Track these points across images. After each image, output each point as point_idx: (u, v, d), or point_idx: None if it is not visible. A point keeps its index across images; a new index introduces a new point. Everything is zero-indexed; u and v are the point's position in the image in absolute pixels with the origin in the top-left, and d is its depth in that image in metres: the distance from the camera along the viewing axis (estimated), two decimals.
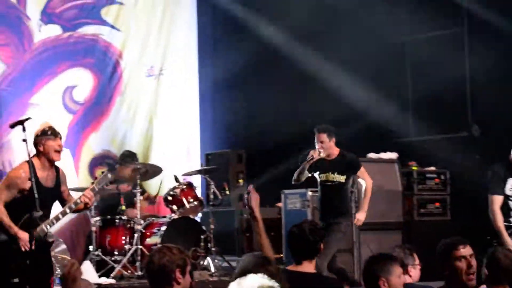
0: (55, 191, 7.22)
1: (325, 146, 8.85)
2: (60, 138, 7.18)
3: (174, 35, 12.43)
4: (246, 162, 11.78)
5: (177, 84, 12.42)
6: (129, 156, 10.62)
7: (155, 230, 10.10)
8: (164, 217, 10.43)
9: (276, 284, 3.16)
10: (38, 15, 11.35)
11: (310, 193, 10.01)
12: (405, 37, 11.76)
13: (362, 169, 9.13)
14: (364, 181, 9.17)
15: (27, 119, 6.96)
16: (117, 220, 9.95)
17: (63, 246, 9.89)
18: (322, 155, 8.80)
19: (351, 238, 10.10)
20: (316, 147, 8.83)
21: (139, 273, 9.48)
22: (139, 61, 12.13)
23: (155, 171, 10.50)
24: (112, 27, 11.91)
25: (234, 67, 12.06)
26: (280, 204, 10.54)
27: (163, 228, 9.88)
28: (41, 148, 7.08)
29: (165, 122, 12.23)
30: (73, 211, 7.30)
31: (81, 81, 11.69)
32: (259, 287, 3.10)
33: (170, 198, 10.25)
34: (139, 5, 12.12)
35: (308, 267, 5.51)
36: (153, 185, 11.86)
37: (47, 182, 7.15)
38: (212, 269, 9.89)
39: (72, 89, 11.61)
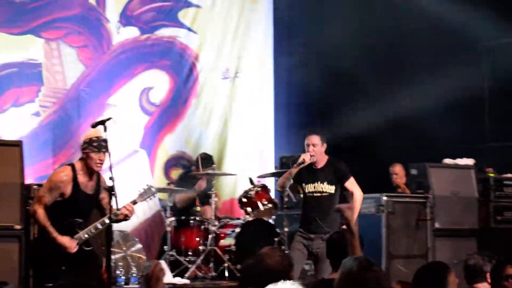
0: (94, 199, 7.36)
1: (317, 151, 8.33)
2: (105, 152, 7.26)
3: (250, 38, 12.50)
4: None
5: (252, 86, 12.48)
6: (205, 159, 10.74)
7: (229, 231, 10.20)
8: (238, 218, 10.52)
9: None
10: (117, 17, 11.50)
11: (385, 198, 9.97)
12: (486, 42, 11.66)
13: (351, 179, 8.51)
14: (353, 192, 8.52)
15: (108, 119, 7.08)
16: (191, 221, 10.07)
17: (139, 246, 10.07)
18: (314, 159, 8.32)
19: (425, 244, 10.09)
20: (305, 151, 8.36)
21: (213, 273, 9.60)
22: (215, 64, 12.21)
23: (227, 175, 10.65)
24: (189, 29, 12.01)
25: (309, 70, 12.09)
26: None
27: (237, 229, 9.98)
28: (84, 156, 7.29)
29: (240, 124, 12.30)
30: (113, 222, 7.40)
31: (157, 83, 11.80)
32: None
33: (244, 200, 10.33)
34: (216, 8, 12.21)
35: None
36: (225, 186, 11.99)
37: (87, 189, 7.29)
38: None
39: (149, 90, 11.74)
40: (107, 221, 7.22)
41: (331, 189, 8.39)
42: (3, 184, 8.18)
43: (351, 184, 8.51)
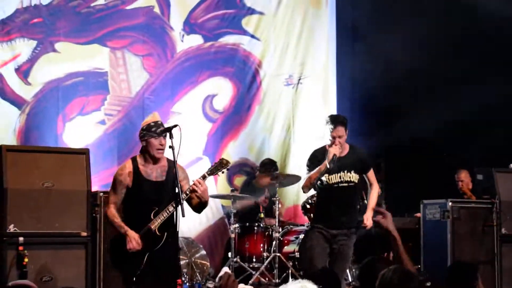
0: (165, 186, 7.07)
1: (342, 142, 8.00)
2: (165, 136, 7.08)
3: (313, 44, 12.53)
4: (384, 171, 11.74)
5: (315, 93, 12.51)
6: (269, 164, 10.81)
7: (292, 238, 10.25)
8: (302, 225, 10.56)
9: None
10: (181, 26, 11.61)
11: (450, 204, 9.92)
12: None
13: (372, 170, 8.33)
14: (372, 184, 8.31)
15: (174, 126, 7.13)
16: (255, 227, 10.15)
17: (203, 252, 10.17)
18: (341, 150, 7.96)
19: (492, 250, 10.00)
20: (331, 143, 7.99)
21: (277, 280, 9.64)
22: (278, 70, 12.27)
23: (293, 180, 10.66)
24: (252, 36, 12.10)
25: (373, 75, 12.07)
26: (418, 215, 10.47)
27: (301, 236, 10.01)
28: (143, 143, 7.11)
29: (303, 131, 12.32)
30: (194, 207, 7.20)
31: (221, 90, 11.90)
32: None
33: (308, 206, 10.34)
34: (279, 14, 12.28)
35: None
36: (290, 193, 12.02)
37: (152, 176, 7.08)
38: (350, 278, 9.95)
39: (212, 97, 11.84)
40: (175, 204, 6.98)
41: (356, 178, 8.12)
42: (70, 191, 8.34)
43: (372, 175, 8.31)
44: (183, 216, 7.13)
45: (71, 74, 10.87)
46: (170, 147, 7.09)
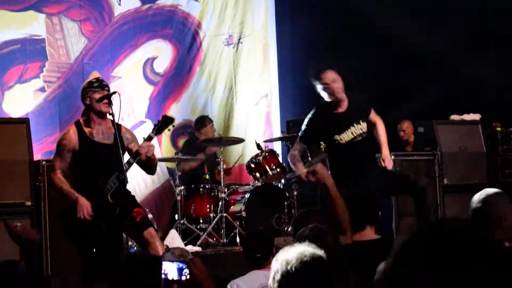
0: (115, 148, 6.84)
1: (339, 88, 7.46)
2: (108, 89, 6.96)
3: (251, 4, 12.53)
4: None
5: (255, 52, 12.52)
6: (201, 120, 10.86)
7: (238, 197, 10.29)
8: (248, 184, 10.60)
9: (320, 252, 3.06)
10: None
11: (393, 157, 9.90)
12: None
13: (372, 109, 7.84)
14: (377, 123, 7.84)
15: (113, 93, 7.09)
16: (201, 189, 10.18)
17: (149, 216, 10.18)
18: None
19: (435, 200, 10.16)
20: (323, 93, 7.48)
21: (225, 240, 9.70)
22: (217, 30, 12.25)
23: (236, 141, 10.73)
24: None
25: (313, 33, 12.11)
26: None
27: (247, 195, 10.06)
28: (87, 101, 6.94)
29: (245, 90, 12.37)
30: (145, 169, 7.22)
31: (160, 52, 11.86)
32: (300, 253, 3.01)
33: (253, 165, 10.40)
34: None
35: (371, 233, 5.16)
36: (233, 153, 12.06)
37: (98, 137, 6.91)
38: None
39: (153, 60, 11.79)
40: (127, 166, 6.84)
41: (365, 127, 7.55)
42: (12, 161, 8.28)
43: (374, 113, 7.79)
44: (126, 182, 7.13)
45: (7, 42, 10.75)
46: (110, 114, 7.04)
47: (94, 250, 6.70)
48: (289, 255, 3.00)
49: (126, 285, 3.79)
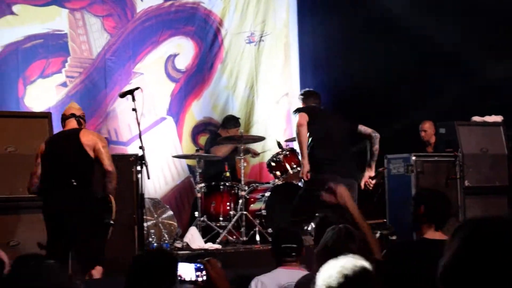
0: None
1: None
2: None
3: (274, 2, 12.52)
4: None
5: (277, 50, 12.51)
6: (231, 120, 10.84)
7: (259, 196, 10.28)
8: (268, 183, 10.60)
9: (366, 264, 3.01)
10: None
11: (414, 158, 9.98)
12: None
13: None
14: None
15: (136, 89, 7.12)
16: (221, 186, 10.18)
17: (170, 212, 10.19)
18: None
19: (456, 202, 10.10)
20: None
21: (244, 238, 9.70)
22: (239, 28, 12.25)
23: (256, 139, 10.73)
24: None
25: (335, 32, 12.08)
26: (383, 169, 10.55)
27: (267, 194, 10.06)
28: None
29: (266, 88, 12.36)
30: None
31: (182, 49, 11.86)
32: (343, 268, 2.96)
33: (273, 164, 10.39)
34: None
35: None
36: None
37: None
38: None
39: (174, 57, 11.80)
40: None
41: None
42: (33, 156, 8.24)
43: None
44: (148, 178, 7.17)
45: (30, 37, 10.79)
46: (133, 109, 7.07)
47: None
48: (332, 269, 2.96)
49: (143, 280, 3.80)
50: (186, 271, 3.75)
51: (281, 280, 5.01)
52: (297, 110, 8.59)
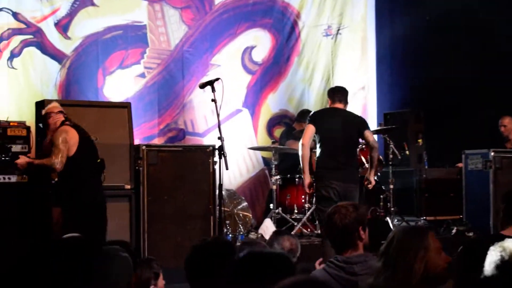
0: None
1: None
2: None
3: None
4: (425, 122, 11.69)
5: (354, 44, 12.48)
6: (306, 114, 10.81)
7: None
8: None
9: None
10: None
11: (492, 154, 9.86)
12: None
13: None
14: None
15: (216, 80, 7.18)
16: (296, 179, 10.19)
17: (245, 204, 10.26)
18: None
19: None
20: None
21: (319, 231, 9.70)
22: (316, 21, 12.24)
23: None
24: None
25: (412, 29, 12.02)
26: (460, 165, 10.46)
27: None
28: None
29: (343, 81, 12.28)
30: None
31: (259, 41, 11.91)
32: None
33: None
34: None
35: None
36: None
37: None
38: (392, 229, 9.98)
39: (251, 49, 11.86)
40: None
41: None
42: (113, 145, 8.45)
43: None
44: (227, 169, 7.25)
45: (110, 28, 10.94)
46: (212, 100, 7.14)
47: None
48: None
49: (200, 268, 3.87)
50: None
51: None
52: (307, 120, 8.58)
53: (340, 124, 8.25)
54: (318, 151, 8.30)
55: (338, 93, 8.54)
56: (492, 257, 3.08)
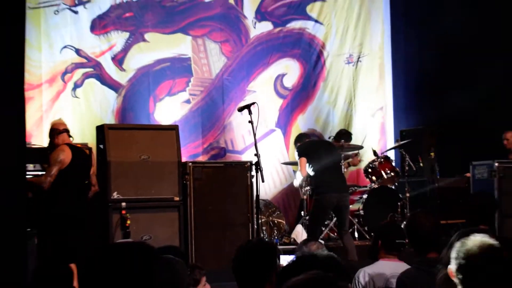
0: None
1: None
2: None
3: (370, 27, 12.40)
4: (436, 137, 11.59)
5: (373, 70, 12.43)
6: (345, 134, 10.59)
7: (357, 198, 10.30)
8: (365, 186, 10.58)
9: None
10: (253, 14, 11.66)
11: (497, 164, 9.78)
12: None
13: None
14: None
15: (252, 104, 7.22)
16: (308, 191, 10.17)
17: (279, 212, 10.28)
18: None
19: None
20: None
21: None
22: (339, 50, 12.21)
23: (355, 148, 10.68)
24: (316, 21, 12.04)
25: (424, 55, 11.97)
26: (468, 174, 10.39)
27: (365, 196, 10.06)
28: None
29: (363, 103, 12.31)
30: None
31: (289, 69, 11.92)
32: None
33: (370, 170, 10.39)
34: (339, 1, 12.19)
35: None
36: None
37: None
38: None
39: (282, 76, 11.87)
40: None
41: None
42: (164, 163, 8.50)
43: None
44: (263, 181, 7.29)
45: (159, 61, 11.04)
46: (249, 121, 7.19)
47: None
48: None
49: (246, 266, 3.91)
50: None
51: (386, 271, 4.96)
52: (299, 153, 9.08)
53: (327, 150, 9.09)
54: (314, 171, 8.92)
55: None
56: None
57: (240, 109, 7.70)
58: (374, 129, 12.33)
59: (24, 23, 6.50)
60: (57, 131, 7.91)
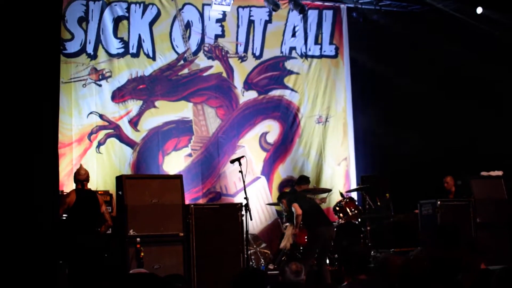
0: None
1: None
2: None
3: (335, 94, 12.40)
4: (391, 181, 11.65)
5: (338, 128, 12.40)
6: (302, 179, 10.68)
7: None
8: (334, 222, 10.55)
9: None
10: (242, 85, 11.70)
11: (439, 203, 9.81)
12: None
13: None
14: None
15: (242, 157, 7.26)
16: (300, 225, 10.10)
17: (264, 244, 10.26)
18: None
19: (469, 234, 9.82)
20: None
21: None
22: (311, 113, 12.22)
23: (324, 191, 10.71)
24: (292, 90, 12.07)
25: (380, 116, 12.06)
26: (417, 211, 10.41)
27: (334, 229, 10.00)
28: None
29: (331, 155, 12.29)
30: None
31: (271, 128, 11.91)
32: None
33: (337, 208, 10.40)
34: (310, 74, 12.21)
35: None
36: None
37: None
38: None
39: (266, 134, 11.86)
40: None
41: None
42: (170, 205, 8.48)
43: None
44: (251, 219, 7.31)
45: (167, 123, 11.07)
46: (239, 171, 7.22)
47: None
48: None
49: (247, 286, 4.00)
50: None
51: None
52: (289, 200, 9.41)
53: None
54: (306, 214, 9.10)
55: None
56: None
57: (232, 161, 7.74)
58: (340, 175, 12.31)
59: (58, 95, 6.58)
60: (74, 179, 8.35)
